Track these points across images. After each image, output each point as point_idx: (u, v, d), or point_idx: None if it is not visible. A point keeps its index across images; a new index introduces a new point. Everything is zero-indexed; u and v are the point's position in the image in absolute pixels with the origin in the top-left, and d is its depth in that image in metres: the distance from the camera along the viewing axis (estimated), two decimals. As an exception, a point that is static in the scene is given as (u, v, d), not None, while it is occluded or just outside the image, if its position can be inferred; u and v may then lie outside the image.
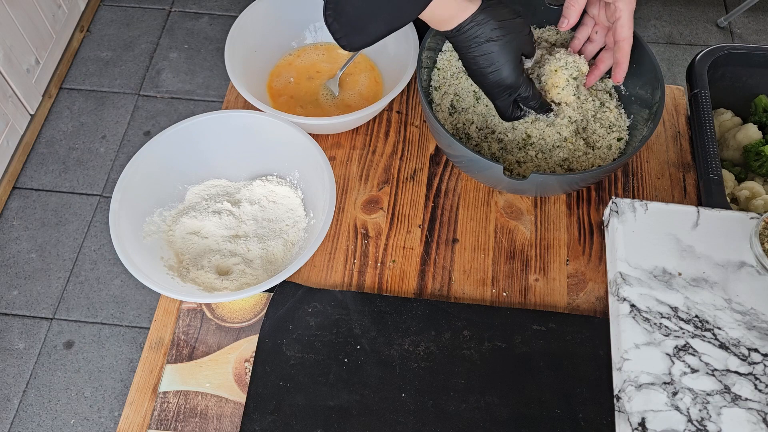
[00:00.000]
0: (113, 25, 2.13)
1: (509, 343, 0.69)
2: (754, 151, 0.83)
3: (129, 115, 1.93)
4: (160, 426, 0.66)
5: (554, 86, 0.76)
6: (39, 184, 1.79)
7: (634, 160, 0.84)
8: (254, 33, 0.87)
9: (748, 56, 0.85)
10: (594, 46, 0.79)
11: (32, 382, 1.50)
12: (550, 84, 0.77)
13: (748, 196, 0.80)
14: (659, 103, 0.74)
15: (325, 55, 0.92)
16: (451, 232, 0.78)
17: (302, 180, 0.78)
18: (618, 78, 0.75)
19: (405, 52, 0.83)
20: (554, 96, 0.77)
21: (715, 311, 0.63)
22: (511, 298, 0.73)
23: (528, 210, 0.80)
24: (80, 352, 1.54)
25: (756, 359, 0.60)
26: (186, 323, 0.71)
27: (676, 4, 2.23)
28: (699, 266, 0.66)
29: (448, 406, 0.65)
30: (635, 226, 0.68)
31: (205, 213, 0.76)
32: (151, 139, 0.75)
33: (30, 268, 1.65)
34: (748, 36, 2.14)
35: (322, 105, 0.87)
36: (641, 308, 0.63)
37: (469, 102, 0.80)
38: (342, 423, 0.64)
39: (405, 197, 0.81)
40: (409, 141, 0.85)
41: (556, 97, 0.77)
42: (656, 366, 0.60)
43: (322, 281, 0.74)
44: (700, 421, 0.57)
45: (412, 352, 0.68)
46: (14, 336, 1.56)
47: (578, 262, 0.76)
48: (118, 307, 1.60)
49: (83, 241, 1.69)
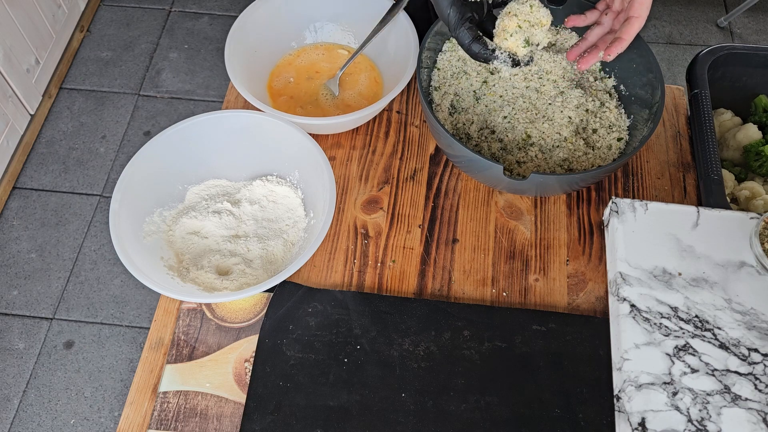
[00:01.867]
0: (113, 25, 2.13)
1: (509, 343, 0.69)
2: (754, 151, 0.83)
3: (129, 115, 1.93)
4: (160, 426, 0.66)
5: (503, 30, 0.70)
6: (39, 184, 1.79)
7: (634, 160, 0.84)
8: (254, 33, 0.87)
9: (748, 56, 0.85)
10: (601, 29, 0.76)
11: (32, 382, 1.50)
12: (500, 28, 0.71)
13: (748, 196, 0.80)
14: (659, 103, 0.74)
15: (325, 55, 0.92)
16: (451, 232, 0.78)
17: (302, 180, 0.78)
18: (611, 53, 0.71)
19: (405, 52, 0.83)
20: (501, 42, 0.71)
21: (715, 311, 0.63)
22: (511, 298, 0.73)
23: (528, 210, 0.80)
24: (80, 352, 1.54)
25: (756, 359, 0.60)
26: (186, 323, 0.71)
27: (676, 4, 2.23)
28: (699, 266, 0.66)
29: (448, 406, 0.65)
30: (635, 226, 0.68)
31: (205, 213, 0.76)
32: (151, 139, 0.75)
33: (30, 268, 1.65)
34: (748, 36, 2.14)
35: (322, 105, 0.87)
36: (641, 308, 0.63)
37: (469, 102, 0.80)
38: (342, 423, 0.64)
39: (405, 197, 0.81)
40: (409, 141, 0.85)
41: (503, 44, 0.71)
42: (656, 366, 0.60)
43: (322, 281, 0.74)
44: (700, 421, 0.57)
45: (412, 352, 0.68)
46: (14, 336, 1.56)
47: (578, 262, 0.76)
48: (118, 307, 1.60)
49: (83, 241, 1.69)
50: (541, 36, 0.71)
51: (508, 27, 0.70)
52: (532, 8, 0.70)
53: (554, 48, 0.83)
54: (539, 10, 0.70)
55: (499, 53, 0.71)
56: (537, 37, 0.71)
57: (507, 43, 0.71)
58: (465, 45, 0.70)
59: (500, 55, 0.71)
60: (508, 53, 0.71)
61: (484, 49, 0.70)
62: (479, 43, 0.70)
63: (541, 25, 0.71)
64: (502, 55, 0.71)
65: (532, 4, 0.70)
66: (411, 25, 0.85)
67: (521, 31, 0.70)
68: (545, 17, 0.71)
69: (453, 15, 0.68)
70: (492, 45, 0.71)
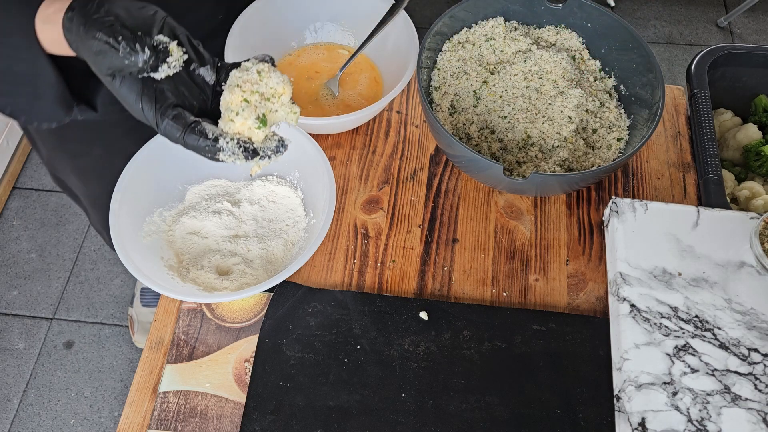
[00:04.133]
0: (113, 25, 2.12)
1: (509, 343, 0.69)
2: (754, 151, 0.83)
3: (129, 115, 1.93)
4: (160, 426, 0.66)
5: (227, 109, 0.53)
6: (39, 184, 1.79)
7: (634, 160, 0.84)
8: (254, 33, 0.87)
9: (748, 56, 0.85)
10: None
11: (32, 382, 1.50)
12: (223, 107, 0.54)
13: (748, 196, 0.80)
14: (659, 103, 0.74)
15: (325, 54, 0.92)
16: (451, 232, 0.78)
17: (302, 180, 0.78)
18: None
19: (405, 52, 0.83)
20: (225, 125, 0.54)
21: (715, 311, 0.63)
22: (511, 298, 0.73)
23: (528, 210, 0.80)
24: (80, 352, 1.53)
25: (756, 359, 0.60)
26: (186, 323, 0.71)
27: (676, 4, 2.23)
28: (699, 266, 0.66)
29: (448, 406, 0.65)
30: (635, 226, 0.68)
31: (205, 213, 0.76)
32: (151, 139, 0.75)
33: (30, 268, 1.65)
34: (748, 36, 2.14)
35: (322, 105, 0.87)
36: (641, 308, 0.63)
37: (469, 102, 0.80)
38: (342, 423, 0.64)
39: (405, 197, 0.81)
40: (409, 141, 0.85)
41: (229, 128, 0.54)
42: (656, 366, 0.60)
43: (322, 281, 0.74)
44: (700, 421, 0.57)
45: (412, 352, 0.68)
46: (14, 336, 1.56)
47: (578, 262, 0.76)
48: (118, 307, 1.60)
49: (83, 241, 1.69)
50: (284, 111, 0.55)
51: (232, 104, 0.53)
52: (261, 74, 0.54)
53: (554, 48, 0.83)
54: (271, 76, 0.54)
55: (224, 142, 0.53)
56: (278, 115, 0.55)
57: (234, 126, 0.53)
58: (177, 140, 0.53)
59: (226, 145, 0.53)
60: (237, 140, 0.53)
61: (203, 140, 0.52)
62: (195, 132, 0.52)
63: (278, 95, 0.54)
64: (230, 144, 0.53)
65: (261, 70, 0.54)
66: (411, 25, 0.85)
67: (250, 107, 0.53)
68: (281, 84, 0.54)
69: (147, 108, 0.51)
70: (215, 132, 0.53)
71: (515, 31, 0.84)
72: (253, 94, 0.53)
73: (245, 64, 0.55)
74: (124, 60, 0.49)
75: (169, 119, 0.51)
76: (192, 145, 0.53)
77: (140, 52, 0.49)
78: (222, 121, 0.54)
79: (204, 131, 0.52)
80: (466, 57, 0.82)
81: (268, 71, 0.54)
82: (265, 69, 0.53)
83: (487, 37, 0.83)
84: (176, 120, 0.52)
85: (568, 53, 0.82)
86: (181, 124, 0.52)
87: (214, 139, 0.53)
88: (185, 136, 0.52)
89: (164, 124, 0.51)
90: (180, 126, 0.52)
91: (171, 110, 0.52)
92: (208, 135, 0.52)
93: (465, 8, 0.82)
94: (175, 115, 0.52)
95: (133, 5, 0.51)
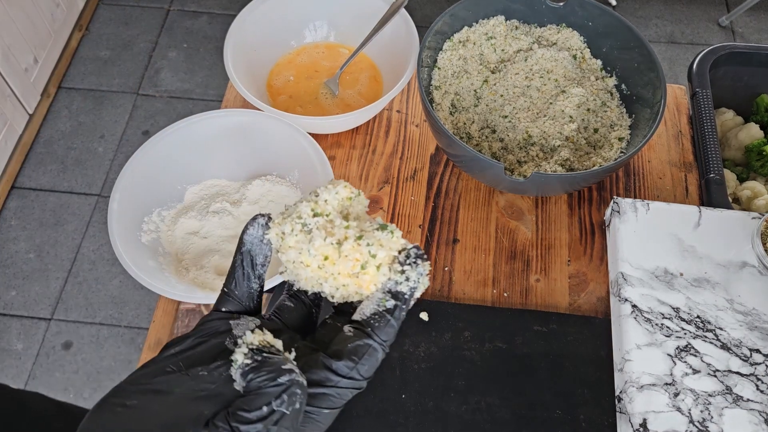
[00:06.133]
0: (112, 24, 2.12)
1: (510, 343, 0.68)
2: (756, 151, 0.83)
3: (128, 114, 1.92)
4: (158, 427, 0.65)
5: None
6: (37, 183, 1.78)
7: (636, 159, 0.84)
8: (253, 32, 0.87)
9: (750, 55, 0.85)
10: None
11: (31, 382, 1.49)
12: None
13: (749, 195, 0.79)
14: (661, 102, 0.73)
15: (325, 53, 0.92)
16: (452, 232, 0.78)
17: (302, 180, 0.78)
18: None
19: (405, 52, 0.83)
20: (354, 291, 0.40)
21: (716, 312, 0.63)
22: (512, 298, 0.73)
23: (529, 210, 0.79)
24: (79, 353, 1.53)
25: (758, 360, 0.60)
26: (185, 324, 0.71)
27: (677, 3, 2.23)
28: (701, 266, 0.65)
29: (449, 407, 0.65)
30: (637, 226, 0.68)
31: (205, 213, 0.76)
32: (149, 139, 0.75)
33: (28, 268, 1.64)
34: (750, 35, 2.14)
35: (321, 104, 0.87)
36: (643, 309, 0.63)
37: (470, 101, 0.80)
38: (342, 423, 0.64)
39: (405, 197, 0.80)
40: (409, 141, 0.85)
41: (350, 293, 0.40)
42: (658, 367, 0.60)
43: (321, 281, 0.74)
44: (701, 422, 0.57)
45: (413, 353, 0.68)
46: (12, 336, 1.55)
47: (579, 262, 0.75)
48: (117, 308, 1.59)
49: (82, 241, 1.69)
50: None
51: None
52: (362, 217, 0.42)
53: (556, 47, 0.82)
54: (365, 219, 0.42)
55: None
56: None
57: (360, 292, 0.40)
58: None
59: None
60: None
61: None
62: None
63: (391, 249, 0.39)
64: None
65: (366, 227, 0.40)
66: (411, 24, 0.84)
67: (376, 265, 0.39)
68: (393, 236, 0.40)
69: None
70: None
71: (516, 29, 0.83)
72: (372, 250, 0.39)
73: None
74: None
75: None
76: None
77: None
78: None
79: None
80: (467, 56, 0.82)
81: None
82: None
83: (487, 36, 0.82)
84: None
85: (570, 52, 0.82)
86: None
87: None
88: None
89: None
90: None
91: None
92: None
93: (465, 7, 0.82)
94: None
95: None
